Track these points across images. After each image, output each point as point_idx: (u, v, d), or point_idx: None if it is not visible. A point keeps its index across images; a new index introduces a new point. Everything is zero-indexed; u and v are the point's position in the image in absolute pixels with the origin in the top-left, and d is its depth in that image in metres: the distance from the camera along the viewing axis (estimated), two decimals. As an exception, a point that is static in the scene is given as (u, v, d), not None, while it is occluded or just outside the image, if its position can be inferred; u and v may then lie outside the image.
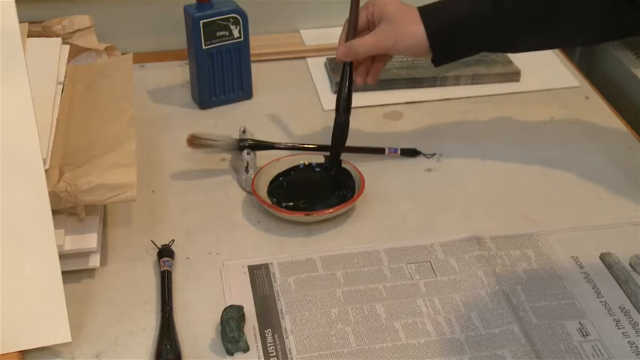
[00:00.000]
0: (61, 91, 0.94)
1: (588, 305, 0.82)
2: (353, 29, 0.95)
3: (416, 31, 0.91)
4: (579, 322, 0.81)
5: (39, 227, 0.77)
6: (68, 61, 1.01)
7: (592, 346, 0.78)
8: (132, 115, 0.93)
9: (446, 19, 0.91)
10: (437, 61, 0.95)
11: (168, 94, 1.18)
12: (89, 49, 1.08)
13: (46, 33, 1.05)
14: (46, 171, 0.79)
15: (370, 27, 0.95)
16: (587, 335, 0.79)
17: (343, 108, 0.97)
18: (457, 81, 1.19)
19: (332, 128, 0.98)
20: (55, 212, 0.80)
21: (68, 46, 1.02)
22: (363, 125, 1.09)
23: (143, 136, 1.01)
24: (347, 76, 0.96)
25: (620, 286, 0.85)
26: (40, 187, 0.78)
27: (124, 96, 0.96)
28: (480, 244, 0.90)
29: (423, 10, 0.92)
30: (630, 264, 0.87)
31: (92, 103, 0.96)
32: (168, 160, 1.04)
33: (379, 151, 1.04)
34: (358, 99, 1.02)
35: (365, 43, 0.94)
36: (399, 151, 1.04)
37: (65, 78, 0.96)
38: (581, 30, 0.91)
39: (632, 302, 0.83)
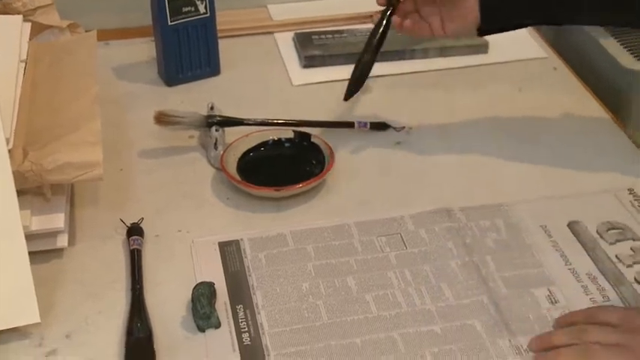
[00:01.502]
0: (23, 69, 0.92)
1: (557, 273, 0.83)
2: None
3: None
4: (548, 290, 0.81)
5: (4, 208, 0.76)
6: (30, 39, 0.99)
7: (560, 313, 0.79)
8: (97, 92, 0.91)
9: None
10: (484, 18, 0.91)
11: (134, 71, 1.16)
12: (51, 27, 1.06)
13: (6, 10, 1.03)
14: (9, 151, 0.78)
15: None
16: (555, 302, 0.80)
17: (372, 47, 0.97)
18: (425, 54, 1.19)
19: (353, 68, 0.99)
20: (20, 192, 0.79)
21: (30, 24, 1.01)
22: (332, 99, 1.09)
23: (109, 114, 0.99)
24: (385, 18, 0.96)
25: (588, 253, 0.86)
26: (3, 167, 0.77)
27: (88, 74, 0.95)
28: (449, 215, 0.90)
29: None
30: (597, 231, 0.88)
31: (56, 81, 0.94)
32: (135, 138, 1.03)
33: (348, 125, 1.04)
34: (326, 73, 1.02)
35: None
36: (368, 125, 1.04)
37: (27, 56, 0.95)
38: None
39: (598, 268, 0.84)
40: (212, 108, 1.05)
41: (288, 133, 1.01)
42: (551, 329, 0.77)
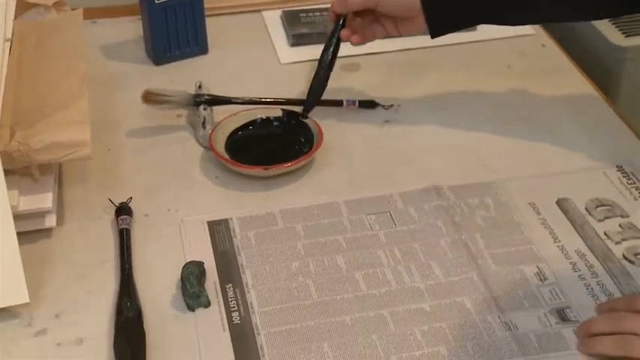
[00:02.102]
0: (9, 48, 0.91)
1: (546, 250, 0.84)
2: None
3: None
4: (537, 267, 0.82)
5: (-9, 188, 0.76)
6: (15, 18, 0.98)
7: (550, 290, 0.79)
8: (84, 72, 0.91)
9: None
10: (432, 28, 0.92)
11: (122, 50, 1.16)
12: (37, 5, 1.05)
13: (-10, -11, 1.02)
14: (-4, 130, 0.78)
15: None
16: (544, 280, 0.80)
17: (325, 64, 0.97)
18: (414, 31, 1.18)
19: (310, 82, 0.99)
20: (8, 172, 0.78)
21: (14, 2, 0.99)
22: (320, 78, 1.08)
23: (96, 93, 0.99)
24: (337, 31, 0.96)
25: (577, 230, 0.86)
26: (-10, 146, 0.76)
27: (75, 53, 0.94)
28: (438, 193, 0.90)
29: None
30: (586, 208, 0.88)
31: (42, 60, 0.93)
32: (123, 118, 1.02)
33: (337, 103, 1.04)
34: (314, 51, 1.02)
35: None
36: (357, 103, 1.04)
37: (13, 35, 0.94)
38: (586, 5, 0.87)
39: (587, 245, 0.84)
40: (200, 87, 1.04)
41: (276, 111, 1.00)
42: (541, 305, 0.77)
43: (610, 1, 0.86)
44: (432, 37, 0.94)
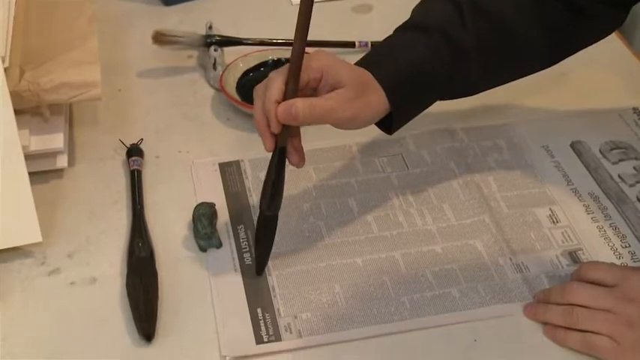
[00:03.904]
0: (17, -13, 0.90)
1: (558, 193, 0.83)
2: (294, 86, 0.70)
3: (378, 100, 0.73)
4: (550, 209, 0.81)
5: (1, 127, 0.75)
6: (23, -43, 0.96)
7: (562, 233, 0.79)
8: (93, 12, 0.90)
9: (402, 74, 0.75)
10: (397, 124, 0.77)
11: (131, -10, 1.14)
12: (45, -56, 1.03)
13: None
14: (5, 69, 0.77)
15: (306, 92, 0.73)
16: (557, 222, 0.80)
17: (270, 202, 0.73)
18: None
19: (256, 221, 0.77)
20: (18, 112, 0.78)
21: (23, -59, 0.98)
22: (332, 19, 1.07)
23: (106, 34, 0.98)
24: (282, 160, 0.72)
25: (590, 173, 0.85)
26: (0, 85, 0.76)
27: (83, -8, 0.93)
28: (451, 135, 0.90)
29: (374, 68, 0.74)
30: (600, 151, 0.88)
31: (51, 0, 0.92)
32: (133, 59, 1.01)
33: (349, 45, 1.03)
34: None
35: (323, 105, 0.70)
36: (369, 45, 1.03)
37: (21, -26, 0.92)
38: (538, 58, 0.81)
39: (601, 188, 0.84)
40: (210, 27, 1.03)
41: (287, 53, 0.98)
42: (553, 247, 0.77)
43: (563, 44, 0.82)
44: (391, 134, 0.79)
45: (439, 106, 0.93)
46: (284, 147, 0.72)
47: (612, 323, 0.67)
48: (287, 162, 0.73)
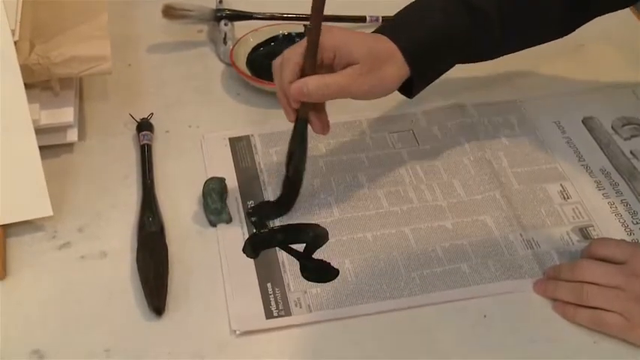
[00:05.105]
0: (27, -39, 0.90)
1: (570, 169, 0.83)
2: (312, 63, 0.72)
3: (393, 70, 0.74)
4: (561, 185, 0.81)
5: (12, 101, 0.75)
6: None
7: (573, 209, 0.79)
8: (103, -15, 0.89)
9: (423, 39, 0.75)
10: (417, 87, 0.79)
11: (140, -37, 1.13)
12: None
13: None
14: (15, 43, 0.77)
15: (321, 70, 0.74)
16: (568, 198, 0.80)
17: (296, 169, 0.77)
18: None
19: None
20: (28, 86, 0.78)
21: None
22: (343, -7, 1.06)
23: (115, 8, 0.97)
24: (302, 130, 0.76)
25: (602, 149, 0.85)
26: (10, 59, 0.75)
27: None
28: (462, 111, 0.89)
29: (394, 34, 0.75)
30: (612, 127, 0.87)
31: (60, -27, 0.92)
32: (143, 33, 1.01)
33: (360, 19, 1.02)
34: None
35: (338, 83, 0.72)
36: (380, 19, 1.02)
37: (31, -53, 0.92)
38: (554, 25, 0.82)
39: (612, 164, 0.83)
40: (221, 1, 1.02)
41: (298, 27, 0.98)
42: (563, 224, 0.77)
43: (578, 11, 0.81)
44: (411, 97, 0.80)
45: (450, 82, 0.93)
46: (305, 118, 0.75)
47: (622, 300, 0.67)
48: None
